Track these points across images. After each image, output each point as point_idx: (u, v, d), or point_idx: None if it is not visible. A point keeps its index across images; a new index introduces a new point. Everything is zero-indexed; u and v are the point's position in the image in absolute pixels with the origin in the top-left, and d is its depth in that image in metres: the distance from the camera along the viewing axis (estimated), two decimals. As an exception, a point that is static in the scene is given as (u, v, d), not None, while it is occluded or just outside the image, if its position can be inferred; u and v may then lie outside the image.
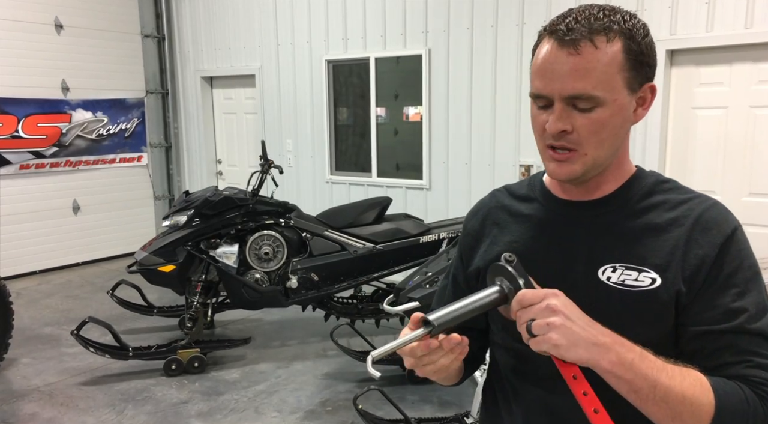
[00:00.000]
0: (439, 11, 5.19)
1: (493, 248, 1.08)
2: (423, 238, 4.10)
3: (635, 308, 0.93)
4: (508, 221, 1.09)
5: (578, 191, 1.02)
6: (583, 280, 0.97)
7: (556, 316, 0.83)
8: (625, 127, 0.97)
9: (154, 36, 7.12)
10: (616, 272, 0.95)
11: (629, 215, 0.99)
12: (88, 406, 3.49)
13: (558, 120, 0.92)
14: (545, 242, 1.03)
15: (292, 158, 6.34)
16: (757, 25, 3.79)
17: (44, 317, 5.04)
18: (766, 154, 3.94)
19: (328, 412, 3.41)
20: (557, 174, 0.97)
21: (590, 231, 1.00)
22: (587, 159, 0.94)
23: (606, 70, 0.90)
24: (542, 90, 0.94)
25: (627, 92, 0.93)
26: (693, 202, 0.97)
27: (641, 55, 0.93)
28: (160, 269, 4.02)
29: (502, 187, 1.17)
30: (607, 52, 0.90)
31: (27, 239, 6.21)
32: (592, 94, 0.90)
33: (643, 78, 0.94)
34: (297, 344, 4.45)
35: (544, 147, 0.97)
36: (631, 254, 0.95)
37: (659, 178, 1.03)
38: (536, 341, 0.84)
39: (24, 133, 6.06)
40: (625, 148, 1.01)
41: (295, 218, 4.17)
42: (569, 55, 0.90)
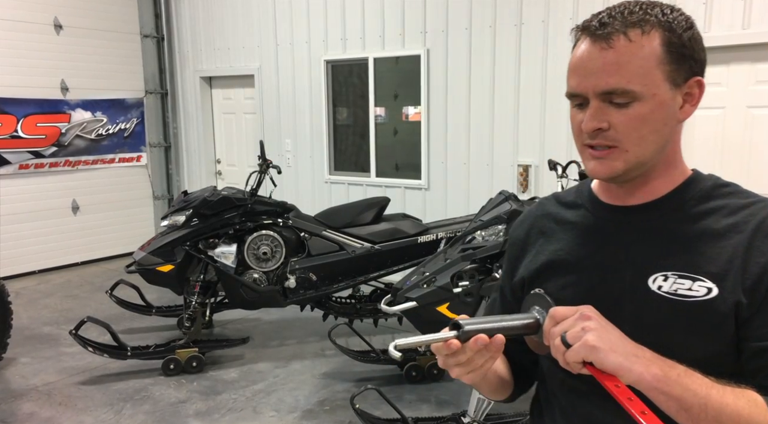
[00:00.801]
0: (437, 11, 5.20)
1: (538, 258, 1.05)
2: (421, 238, 4.11)
3: (688, 320, 0.87)
4: (554, 229, 1.05)
5: (626, 195, 0.97)
6: (632, 289, 0.92)
7: (590, 322, 0.81)
8: (670, 125, 0.91)
9: (154, 36, 7.13)
10: (667, 281, 0.89)
11: (683, 219, 0.93)
12: (86, 405, 3.50)
13: (592, 118, 0.89)
14: (592, 249, 0.98)
15: (291, 158, 6.34)
16: (755, 26, 3.80)
17: (43, 316, 5.05)
18: (763, 154, 3.95)
19: (326, 411, 3.42)
20: (597, 172, 0.93)
21: (640, 237, 0.94)
22: (629, 156, 0.90)
23: (642, 64, 0.86)
24: (576, 88, 0.91)
25: (668, 87, 0.88)
26: (755, 207, 0.90)
27: (683, 48, 0.88)
28: (158, 269, 4.03)
29: (550, 195, 1.13)
30: (642, 45, 0.87)
31: (26, 238, 6.22)
32: (627, 89, 0.87)
33: (687, 72, 0.89)
34: (295, 343, 4.46)
35: (582, 147, 0.94)
36: (685, 262, 0.89)
37: (718, 182, 0.96)
38: (573, 349, 0.80)
39: (23, 133, 6.07)
40: (675, 148, 0.95)
41: (294, 217, 4.18)
42: (602, 49, 0.87)
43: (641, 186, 0.95)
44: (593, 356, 0.79)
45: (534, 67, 4.77)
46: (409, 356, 3.81)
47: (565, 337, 0.81)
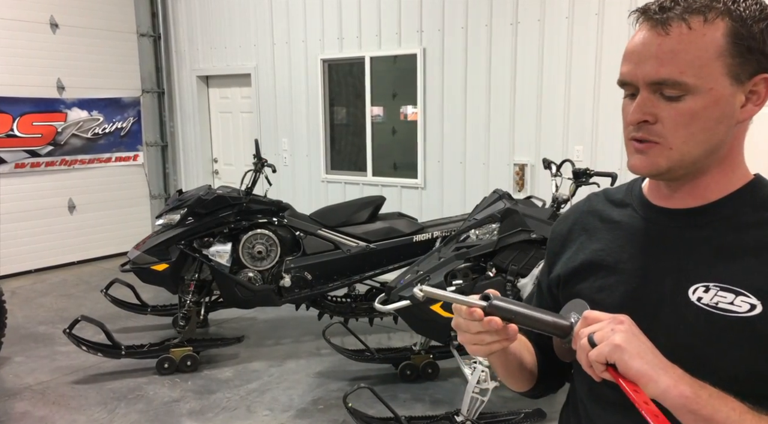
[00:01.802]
0: (433, 11, 5.19)
1: (577, 256, 1.00)
2: (416, 237, 4.10)
3: (727, 336, 0.81)
4: (597, 227, 0.99)
5: (676, 197, 0.90)
6: (670, 298, 0.86)
7: (622, 325, 0.76)
8: (726, 124, 0.82)
9: (150, 35, 7.12)
10: (708, 293, 0.83)
11: (734, 228, 0.85)
12: (80, 404, 3.49)
13: (639, 109, 0.83)
14: (634, 252, 0.92)
15: (287, 157, 6.34)
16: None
17: (38, 315, 5.04)
18: (756, 154, 3.93)
19: (320, 410, 3.41)
20: (637, 168, 0.87)
21: (685, 243, 0.87)
22: (672, 154, 0.83)
23: (700, 55, 0.79)
24: (626, 75, 0.85)
25: (729, 82, 0.80)
26: None
27: (752, 41, 0.80)
28: (153, 268, 4.02)
29: (600, 191, 1.07)
30: (703, 34, 0.79)
31: (22, 238, 6.21)
32: (679, 80, 0.80)
33: (754, 68, 0.81)
34: (291, 342, 4.45)
35: (628, 140, 0.87)
36: (729, 274, 0.82)
37: None
38: (597, 348, 0.75)
39: (19, 132, 6.06)
40: (734, 151, 0.87)
41: (289, 216, 4.18)
42: (658, 35, 0.81)
43: (692, 188, 0.88)
44: (617, 356, 0.74)
45: (530, 66, 4.77)
46: (404, 354, 3.81)
47: (593, 337, 0.77)
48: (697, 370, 0.76)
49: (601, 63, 4.41)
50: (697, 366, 0.77)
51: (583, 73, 4.51)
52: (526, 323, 0.85)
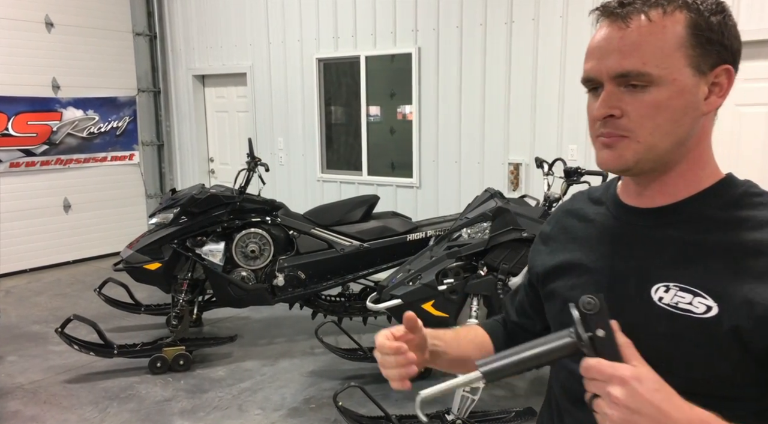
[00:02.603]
0: (428, 10, 5.19)
1: (555, 255, 1.01)
2: (410, 236, 4.10)
3: (687, 336, 0.81)
4: (575, 226, 1.01)
5: (645, 196, 0.90)
6: (634, 297, 0.86)
7: (616, 410, 0.69)
8: (691, 115, 0.82)
9: (146, 34, 7.12)
10: (668, 292, 0.83)
11: (699, 228, 0.84)
12: (72, 404, 3.48)
13: (604, 103, 0.83)
14: (605, 251, 0.93)
15: (283, 156, 6.33)
16: (743, 24, 3.78)
17: (32, 315, 5.03)
18: (751, 153, 3.94)
19: (312, 409, 3.41)
20: (606, 163, 0.86)
21: (652, 243, 0.87)
22: (639, 147, 0.83)
23: (661, 45, 0.80)
24: (590, 71, 0.85)
25: (692, 73, 0.81)
26: None
27: (710, 32, 0.81)
28: (145, 267, 4.01)
29: (586, 189, 1.07)
30: (663, 26, 0.80)
31: (17, 237, 6.20)
32: (643, 71, 0.80)
33: (714, 59, 0.82)
34: (284, 341, 4.45)
35: (595, 137, 0.87)
36: (690, 275, 0.82)
37: (750, 189, 0.86)
38: (597, 417, 0.73)
39: (14, 131, 6.05)
40: (702, 146, 0.87)
41: (282, 215, 4.17)
42: (619, 29, 0.82)
43: (661, 186, 0.88)
44: None
45: (524, 65, 4.77)
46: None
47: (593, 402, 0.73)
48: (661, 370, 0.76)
49: (595, 62, 4.40)
50: (661, 366, 0.77)
51: (577, 72, 4.49)
52: (531, 364, 0.78)
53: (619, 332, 0.74)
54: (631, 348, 0.74)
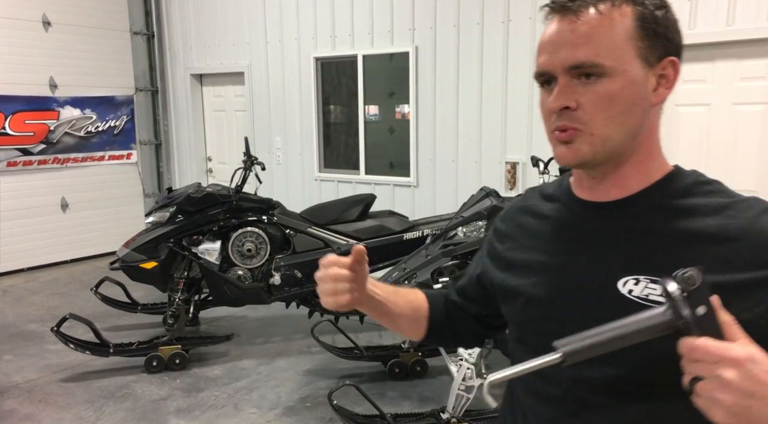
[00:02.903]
0: (425, 9, 5.19)
1: (513, 252, 1.01)
2: (407, 235, 4.10)
3: None
4: (531, 223, 1.00)
5: (600, 190, 0.90)
6: (602, 291, 0.85)
7: (728, 394, 0.63)
8: (642, 106, 0.84)
9: (144, 33, 7.11)
10: (638, 285, 0.82)
11: (659, 219, 0.85)
12: (67, 403, 3.48)
13: (559, 95, 0.84)
14: (563, 246, 0.93)
15: (281, 156, 6.33)
16: (739, 23, 3.79)
17: (29, 314, 5.03)
18: (747, 151, 3.94)
19: (307, 408, 3.41)
20: (564, 157, 0.86)
21: (612, 236, 0.88)
22: (595, 140, 0.84)
23: (612, 37, 0.82)
24: (543, 65, 0.86)
25: (640, 64, 0.83)
26: (738, 208, 0.82)
27: (656, 25, 0.84)
28: (142, 266, 4.02)
29: (537, 186, 1.08)
30: (612, 18, 0.83)
31: (15, 236, 6.20)
32: (595, 62, 0.82)
33: (660, 51, 0.84)
34: (281, 340, 4.44)
35: (551, 133, 0.88)
36: (657, 265, 0.81)
37: (700, 179, 0.89)
38: (699, 402, 0.67)
39: (11, 130, 6.05)
40: (651, 139, 0.89)
41: (279, 214, 4.17)
42: (571, 22, 0.84)
43: (615, 179, 0.89)
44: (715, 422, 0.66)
45: (521, 64, 4.76)
46: (393, 352, 3.80)
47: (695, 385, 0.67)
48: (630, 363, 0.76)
49: (592, 61, 4.40)
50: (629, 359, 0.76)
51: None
52: (617, 345, 0.71)
53: (721, 308, 0.69)
54: (734, 326, 0.68)
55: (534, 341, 0.94)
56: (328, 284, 0.97)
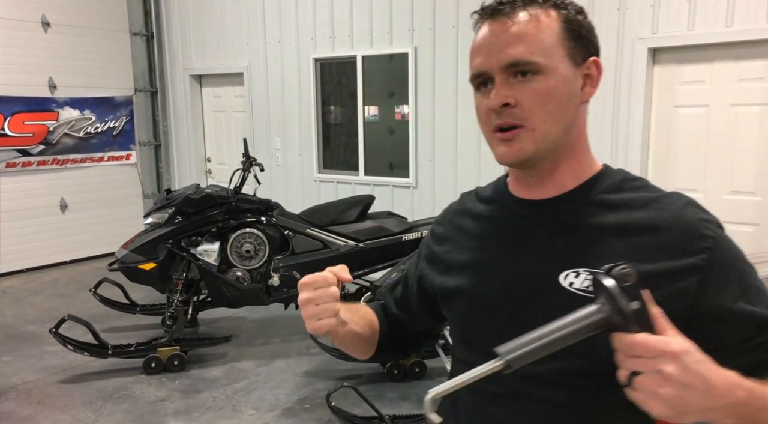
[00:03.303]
0: (424, 10, 5.18)
1: (454, 254, 1.02)
2: (405, 236, 4.10)
3: None
4: (470, 224, 1.03)
5: (537, 188, 0.94)
6: (544, 286, 0.88)
7: (667, 387, 0.66)
8: (574, 103, 0.90)
9: (143, 34, 7.11)
10: (579, 278, 0.86)
11: (592, 214, 0.90)
12: (65, 404, 3.48)
13: (500, 93, 0.87)
14: (505, 245, 0.96)
15: (280, 156, 6.33)
16: (738, 24, 3.79)
17: (28, 315, 5.03)
18: (746, 153, 3.93)
19: (306, 410, 3.40)
20: (507, 156, 0.89)
21: (551, 232, 0.92)
22: (536, 135, 0.87)
23: (543, 37, 0.87)
24: (480, 66, 0.89)
25: (569, 63, 0.88)
26: (664, 202, 0.88)
27: (580, 27, 0.90)
28: (140, 267, 4.01)
29: (472, 190, 1.11)
30: (542, 20, 0.88)
31: (14, 237, 6.19)
32: (530, 60, 0.86)
33: (585, 52, 0.90)
34: (280, 342, 4.44)
35: (492, 133, 0.90)
36: (595, 258, 0.85)
37: (627, 176, 0.95)
38: (635, 396, 0.69)
39: (10, 131, 6.05)
40: (581, 138, 0.94)
41: (278, 215, 4.16)
42: (502, 25, 0.88)
43: (550, 178, 0.93)
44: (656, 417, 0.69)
45: (520, 65, 4.76)
46: (392, 354, 3.79)
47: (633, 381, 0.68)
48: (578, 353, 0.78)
49: (591, 62, 4.40)
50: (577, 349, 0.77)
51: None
52: (559, 346, 0.71)
53: (652, 301, 0.71)
54: (663, 318, 0.71)
55: (479, 341, 0.96)
56: (312, 306, 0.93)
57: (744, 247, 3.02)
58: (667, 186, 0.94)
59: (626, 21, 4.19)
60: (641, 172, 4.28)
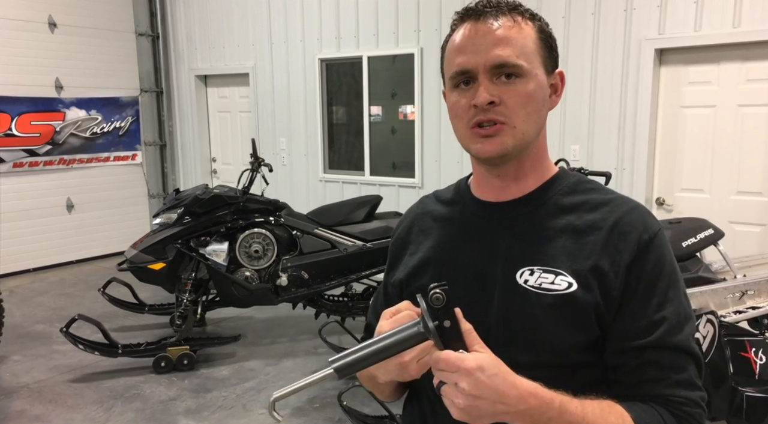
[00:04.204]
0: (430, 10, 5.20)
1: (415, 256, 1.05)
2: (413, 236, 4.11)
3: (553, 312, 0.89)
4: (432, 226, 1.06)
5: (501, 191, 0.99)
6: (503, 283, 0.94)
7: (461, 397, 0.77)
8: (546, 108, 0.96)
9: (149, 34, 7.13)
10: (533, 275, 0.92)
11: (548, 215, 0.96)
12: (76, 403, 3.50)
13: (487, 91, 0.90)
14: (466, 245, 1.00)
15: (285, 157, 6.35)
16: (745, 25, 3.80)
17: (36, 314, 5.05)
18: (753, 153, 3.95)
19: (316, 409, 3.42)
20: (486, 151, 0.92)
21: (509, 233, 0.97)
22: (516, 133, 0.91)
23: (526, 43, 0.91)
24: (465, 64, 0.91)
25: (543, 71, 0.94)
26: (614, 204, 0.94)
27: (551, 39, 0.96)
28: (150, 267, 4.03)
29: (431, 193, 1.14)
30: (523, 28, 0.92)
31: (21, 237, 6.22)
32: (516, 63, 0.90)
33: (553, 63, 0.97)
34: (287, 341, 4.46)
35: (469, 129, 0.93)
36: (548, 257, 0.92)
37: (581, 179, 1.01)
38: (443, 400, 0.81)
39: (17, 132, 6.07)
40: (544, 143, 0.99)
41: (286, 215, 4.18)
42: (490, 26, 0.91)
43: (516, 178, 0.98)
44: (461, 419, 0.80)
45: (527, 66, 4.77)
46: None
47: (439, 389, 0.80)
48: (530, 346, 0.89)
49: (597, 62, 4.41)
50: (529, 343, 0.89)
51: (579, 72, 4.51)
52: (383, 356, 0.81)
53: (462, 319, 0.81)
54: (473, 333, 0.81)
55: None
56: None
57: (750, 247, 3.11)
58: (673, 187, 1.00)
59: (633, 22, 4.21)
60: (648, 173, 4.30)
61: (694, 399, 0.88)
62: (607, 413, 0.84)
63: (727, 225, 3.76)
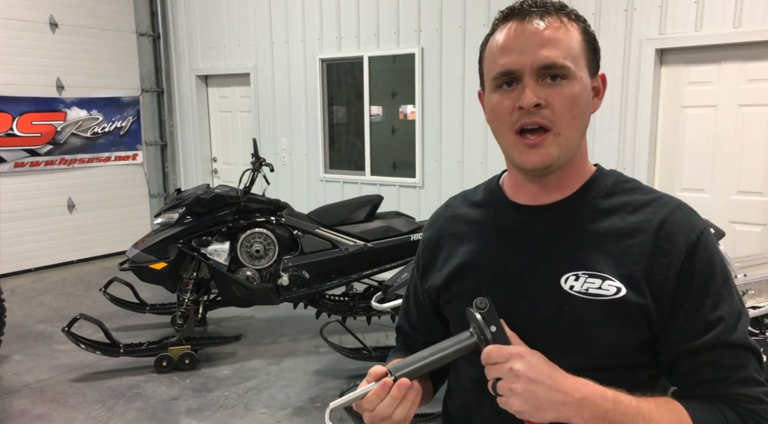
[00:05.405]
0: (431, 10, 5.21)
1: (451, 261, 1.02)
2: (414, 235, 4.12)
3: (603, 318, 0.88)
4: (464, 230, 1.03)
5: (540, 194, 0.95)
6: (546, 290, 0.91)
7: (518, 382, 0.80)
8: (590, 111, 0.92)
9: (150, 34, 7.14)
10: (579, 281, 0.89)
11: (589, 218, 0.92)
12: (78, 402, 3.51)
13: (533, 93, 0.86)
14: (504, 251, 0.96)
15: (286, 156, 6.36)
16: (746, 25, 3.81)
17: (37, 314, 5.06)
18: (754, 153, 3.96)
19: (317, 408, 3.43)
20: (531, 162, 0.89)
21: (550, 237, 0.93)
22: (561, 140, 0.88)
23: (572, 45, 0.89)
24: (511, 65, 0.88)
25: (587, 73, 0.91)
26: (656, 205, 0.91)
27: (594, 42, 0.93)
28: (151, 267, 4.04)
29: (458, 194, 1.11)
30: (570, 29, 0.90)
31: (22, 236, 6.23)
32: (564, 64, 0.87)
33: (596, 66, 0.94)
34: (289, 341, 4.47)
35: (514, 136, 0.89)
36: (593, 261, 0.89)
37: (620, 178, 0.97)
38: (501, 401, 0.83)
39: (18, 132, 6.08)
40: (585, 145, 0.96)
41: (287, 215, 4.19)
42: (537, 26, 0.88)
43: (558, 182, 0.94)
44: (520, 417, 0.82)
45: (527, 66, 4.78)
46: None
47: (496, 386, 0.83)
48: (578, 351, 0.88)
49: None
50: (577, 347, 0.89)
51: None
52: (440, 364, 0.89)
53: (505, 326, 0.87)
54: (516, 337, 0.87)
55: None
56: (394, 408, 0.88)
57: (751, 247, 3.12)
58: (674, 187, 0.99)
59: (634, 22, 4.22)
60: (649, 173, 4.30)
61: (756, 396, 0.85)
62: (664, 409, 0.83)
63: (727, 225, 3.77)
